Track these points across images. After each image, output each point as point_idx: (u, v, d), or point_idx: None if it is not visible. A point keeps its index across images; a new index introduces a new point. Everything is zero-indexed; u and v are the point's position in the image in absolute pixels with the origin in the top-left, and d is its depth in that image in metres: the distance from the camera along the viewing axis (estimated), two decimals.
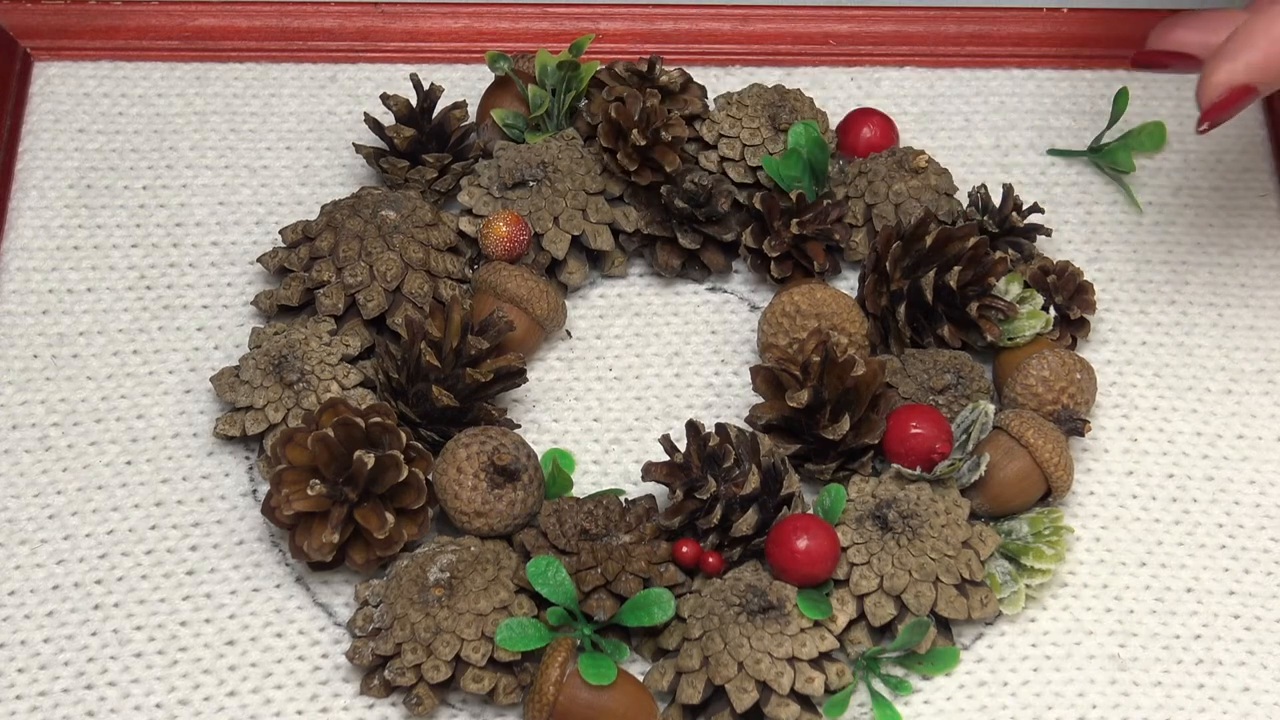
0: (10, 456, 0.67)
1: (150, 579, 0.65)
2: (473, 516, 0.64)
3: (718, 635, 0.61)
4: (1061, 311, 0.70)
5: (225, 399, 0.67)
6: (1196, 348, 0.72)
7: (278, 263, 0.70)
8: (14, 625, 0.63)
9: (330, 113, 0.77)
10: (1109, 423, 0.70)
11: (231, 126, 0.76)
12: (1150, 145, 0.77)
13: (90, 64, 0.78)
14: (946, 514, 0.64)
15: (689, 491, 0.63)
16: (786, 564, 0.62)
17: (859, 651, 0.63)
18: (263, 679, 0.63)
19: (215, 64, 0.78)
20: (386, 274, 0.68)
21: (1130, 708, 0.63)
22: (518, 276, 0.69)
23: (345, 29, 0.79)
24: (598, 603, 0.62)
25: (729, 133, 0.73)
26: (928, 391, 0.67)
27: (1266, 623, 0.65)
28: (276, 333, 0.68)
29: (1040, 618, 0.65)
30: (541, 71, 0.74)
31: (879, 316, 0.70)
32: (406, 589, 0.62)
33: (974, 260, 0.68)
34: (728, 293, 0.73)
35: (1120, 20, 0.80)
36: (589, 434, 0.69)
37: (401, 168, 0.72)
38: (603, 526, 0.63)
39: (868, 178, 0.73)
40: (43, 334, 0.70)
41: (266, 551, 0.66)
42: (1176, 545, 0.67)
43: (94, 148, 0.75)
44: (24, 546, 0.65)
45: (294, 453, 0.63)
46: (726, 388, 0.71)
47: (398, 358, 0.66)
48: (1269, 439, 0.70)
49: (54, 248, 0.73)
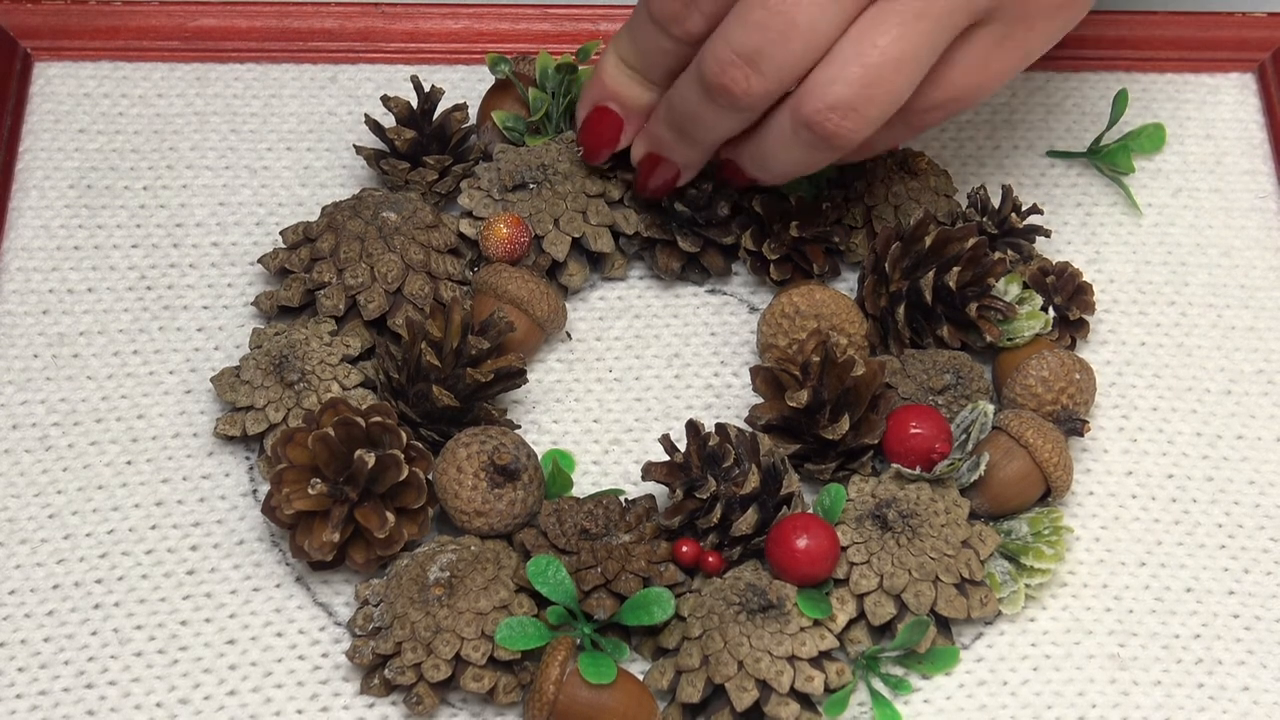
0: (10, 456, 0.67)
1: (151, 578, 0.65)
2: (473, 516, 0.64)
3: (717, 634, 0.61)
4: (1061, 312, 0.70)
5: (225, 399, 0.67)
6: (1196, 348, 0.72)
7: (278, 263, 0.70)
8: (14, 624, 0.63)
9: (331, 114, 0.77)
10: (1109, 423, 0.70)
11: (232, 127, 0.76)
12: (1150, 146, 0.77)
13: (90, 64, 0.78)
14: (946, 514, 0.64)
15: (689, 491, 0.63)
16: (786, 563, 0.62)
17: (859, 651, 0.63)
18: (263, 678, 0.63)
19: (215, 64, 0.78)
20: (387, 275, 0.68)
21: (1130, 707, 0.63)
22: (518, 278, 0.69)
23: (345, 29, 0.79)
24: (598, 602, 0.62)
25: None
26: (927, 392, 0.67)
27: (1266, 623, 0.65)
28: (277, 333, 0.68)
29: (1040, 617, 0.65)
30: (542, 74, 0.74)
31: (878, 317, 0.70)
32: (406, 588, 0.62)
33: (973, 261, 0.68)
34: (727, 295, 0.73)
35: (1120, 21, 0.80)
36: (589, 434, 0.69)
37: (402, 169, 0.72)
38: (603, 526, 0.63)
39: (867, 180, 0.73)
40: (43, 334, 0.70)
41: (267, 551, 0.66)
42: (1176, 545, 0.67)
43: (94, 148, 0.75)
44: (24, 546, 0.65)
45: (294, 452, 0.63)
46: (726, 388, 0.71)
47: (398, 358, 0.66)
48: (1269, 439, 0.70)
49: (54, 248, 0.73)
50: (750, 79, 0.62)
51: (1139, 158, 0.77)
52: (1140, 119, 0.78)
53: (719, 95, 0.63)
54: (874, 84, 0.61)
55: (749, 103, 0.63)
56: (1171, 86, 0.79)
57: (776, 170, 0.66)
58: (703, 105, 0.64)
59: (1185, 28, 0.80)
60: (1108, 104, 0.78)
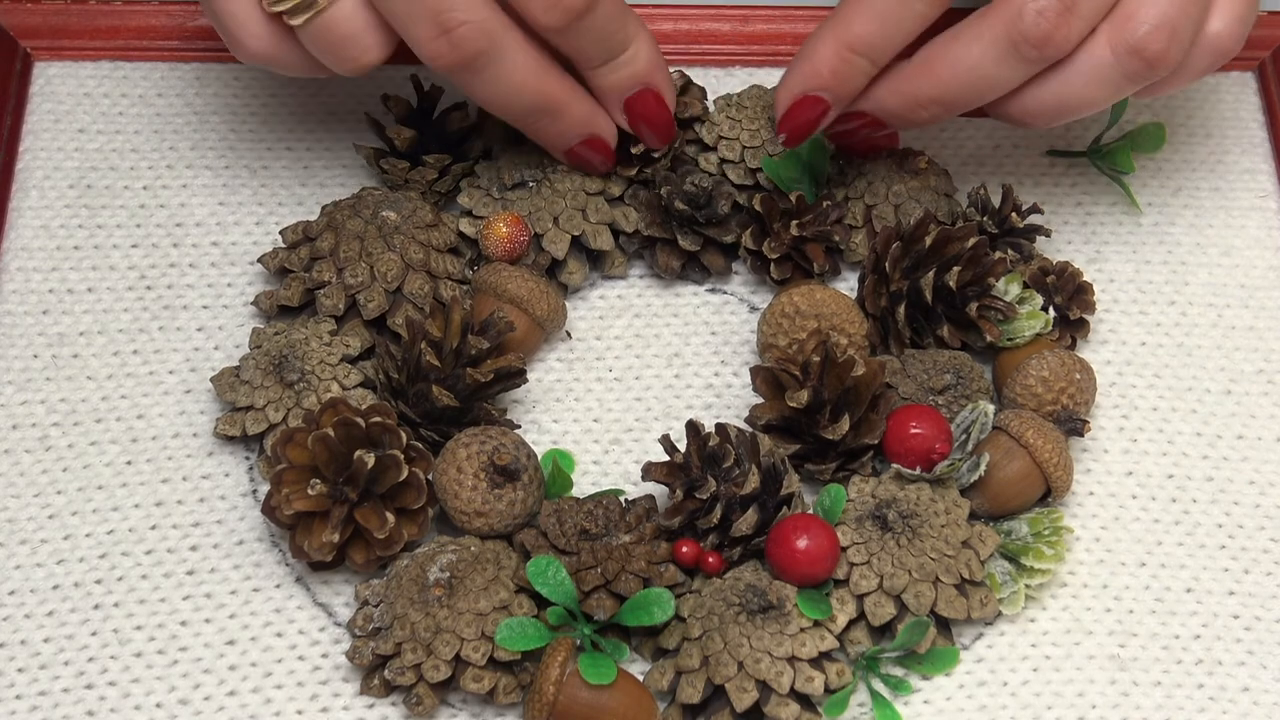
0: (10, 456, 0.67)
1: (150, 579, 0.65)
2: (473, 516, 0.64)
3: (717, 635, 0.61)
4: (1061, 312, 0.70)
5: (225, 399, 0.67)
6: (1196, 348, 0.72)
7: (278, 263, 0.70)
8: (14, 625, 0.63)
9: (330, 113, 0.77)
10: (1109, 423, 0.70)
11: (231, 127, 0.76)
12: (1150, 146, 0.77)
13: (90, 64, 0.78)
14: (946, 514, 0.64)
15: (689, 491, 0.63)
16: (786, 564, 0.62)
17: (859, 651, 0.63)
18: (263, 679, 0.63)
19: (215, 64, 0.78)
20: (387, 274, 0.68)
21: (1130, 708, 0.63)
22: (518, 277, 0.69)
23: None
24: (598, 602, 0.62)
25: (729, 134, 0.73)
26: (927, 392, 0.67)
27: (1266, 623, 0.65)
28: (277, 333, 0.68)
29: (1040, 618, 0.65)
30: None
31: (879, 317, 0.70)
32: (406, 589, 0.62)
33: (973, 261, 0.68)
34: (727, 294, 0.73)
35: None
36: (589, 434, 0.69)
37: (402, 168, 0.72)
38: (603, 526, 0.63)
39: (867, 179, 0.73)
40: (43, 334, 0.70)
41: (266, 551, 0.66)
42: (1176, 545, 0.67)
43: (94, 148, 0.75)
44: (24, 546, 0.65)
45: (294, 452, 0.63)
46: (726, 388, 0.71)
47: (398, 358, 0.66)
48: (1269, 439, 0.70)
49: (54, 248, 0.73)
50: (1072, 23, 0.63)
51: (1139, 157, 0.77)
52: (1140, 118, 0.78)
53: (1037, 46, 0.63)
54: (1183, 4, 0.63)
55: (1066, 48, 0.64)
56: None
57: (1073, 112, 0.66)
58: (1001, 63, 0.64)
59: None
60: None
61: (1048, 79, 0.66)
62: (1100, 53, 0.64)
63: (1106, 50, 0.64)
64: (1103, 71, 0.64)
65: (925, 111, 0.68)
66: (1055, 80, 0.66)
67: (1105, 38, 0.64)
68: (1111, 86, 0.65)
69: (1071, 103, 0.66)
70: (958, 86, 0.66)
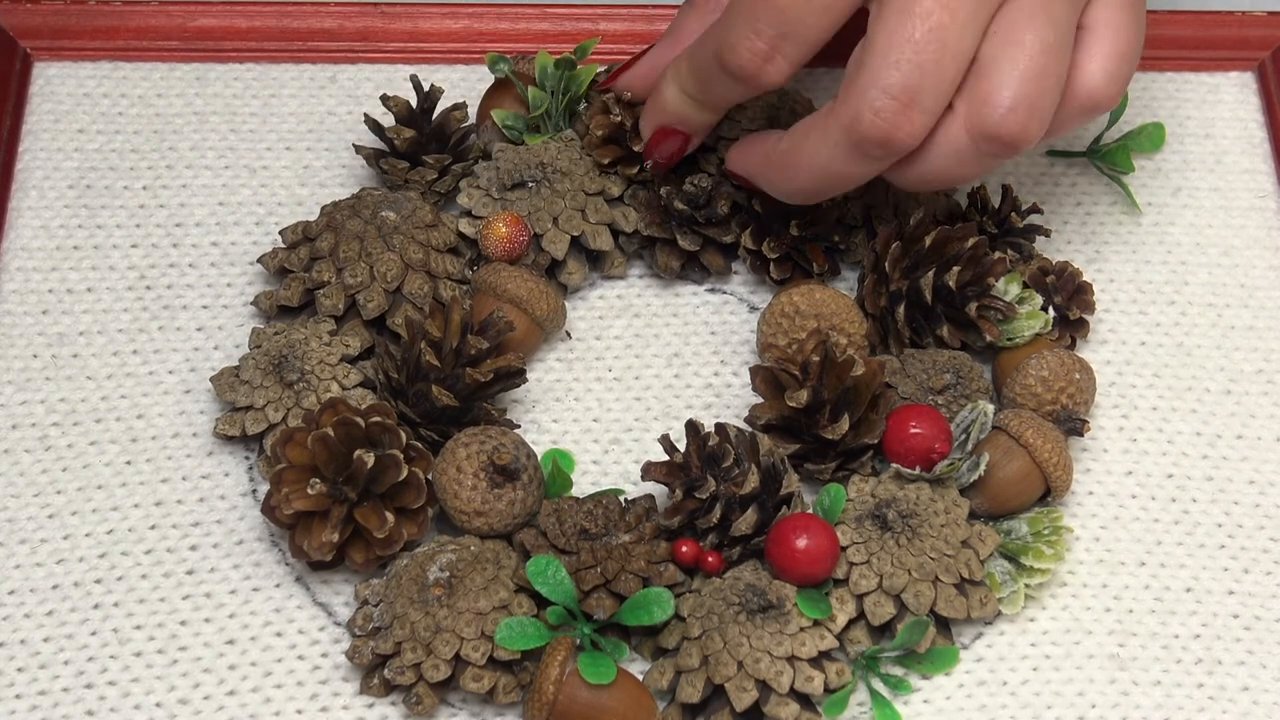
0: (10, 456, 0.67)
1: (150, 578, 0.65)
2: (472, 516, 0.64)
3: (717, 634, 0.61)
4: (1061, 312, 0.70)
5: (225, 399, 0.67)
6: (1196, 348, 0.72)
7: (278, 263, 0.70)
8: (14, 624, 0.63)
9: (330, 113, 0.77)
10: (1109, 423, 0.70)
11: (231, 127, 0.76)
12: (1149, 146, 0.77)
13: (90, 64, 0.78)
14: (946, 514, 0.64)
15: (689, 491, 0.63)
16: (786, 563, 0.62)
17: (858, 651, 0.63)
18: (263, 678, 0.63)
19: (215, 64, 0.78)
20: (386, 274, 0.68)
21: (1130, 707, 0.63)
22: (517, 277, 0.69)
23: (345, 29, 0.79)
24: (597, 602, 0.62)
25: (728, 135, 0.73)
26: (927, 391, 0.67)
27: (1266, 622, 0.65)
28: (276, 333, 0.68)
29: (1040, 617, 0.65)
30: (541, 73, 0.74)
31: (878, 317, 0.70)
32: (406, 588, 0.62)
33: (973, 260, 0.68)
34: (727, 294, 0.73)
35: None
36: (589, 434, 0.69)
37: (401, 169, 0.72)
38: (602, 526, 0.63)
39: None
40: (43, 334, 0.70)
41: (266, 551, 0.66)
42: (1176, 545, 0.67)
43: (94, 148, 0.75)
44: (24, 546, 0.65)
45: (294, 452, 0.63)
46: (726, 388, 0.71)
47: (398, 358, 0.66)
48: (1269, 439, 0.70)
49: (54, 248, 0.73)
50: (914, 119, 0.61)
51: (1139, 157, 0.77)
52: (1140, 118, 0.78)
53: (878, 145, 0.61)
54: (1039, 77, 0.61)
55: (912, 143, 0.62)
56: (1171, 85, 0.79)
57: (946, 185, 0.65)
58: (850, 163, 0.63)
59: (1185, 27, 0.80)
60: None
61: (911, 161, 0.64)
62: (958, 136, 0.62)
63: (964, 135, 0.62)
64: (963, 154, 0.63)
65: (796, 200, 0.67)
66: (919, 162, 0.64)
67: (963, 120, 0.62)
68: (976, 165, 0.63)
69: (942, 180, 0.64)
70: (816, 183, 0.65)
